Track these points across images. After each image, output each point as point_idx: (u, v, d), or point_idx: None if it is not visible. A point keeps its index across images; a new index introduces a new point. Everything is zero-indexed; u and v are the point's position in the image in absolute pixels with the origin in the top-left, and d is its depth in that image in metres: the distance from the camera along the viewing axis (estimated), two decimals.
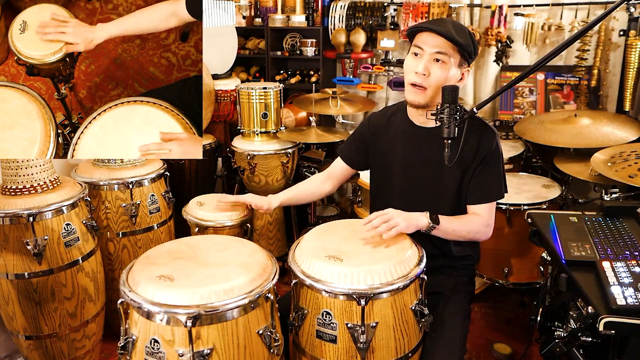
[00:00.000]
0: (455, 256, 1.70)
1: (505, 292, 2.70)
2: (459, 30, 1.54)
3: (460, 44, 1.51)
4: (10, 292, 1.94)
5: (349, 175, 1.92)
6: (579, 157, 2.51)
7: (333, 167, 1.91)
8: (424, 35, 1.55)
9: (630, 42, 2.75)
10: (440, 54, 1.53)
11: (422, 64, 1.55)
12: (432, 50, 1.53)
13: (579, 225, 1.67)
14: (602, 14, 1.52)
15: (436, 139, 1.44)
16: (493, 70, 3.24)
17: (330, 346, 1.38)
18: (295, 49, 3.56)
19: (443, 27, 1.52)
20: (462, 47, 1.52)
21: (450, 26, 1.53)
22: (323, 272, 1.37)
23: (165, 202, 2.51)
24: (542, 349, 1.59)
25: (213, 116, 3.11)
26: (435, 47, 1.53)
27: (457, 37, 1.51)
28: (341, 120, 3.69)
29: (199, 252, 1.47)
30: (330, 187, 1.91)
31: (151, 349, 1.26)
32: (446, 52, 1.53)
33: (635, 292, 1.25)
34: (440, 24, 1.53)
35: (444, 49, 1.52)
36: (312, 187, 1.91)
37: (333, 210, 3.30)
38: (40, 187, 1.97)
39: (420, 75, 1.55)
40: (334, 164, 1.91)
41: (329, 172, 1.91)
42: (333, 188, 1.92)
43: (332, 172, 1.90)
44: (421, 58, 1.55)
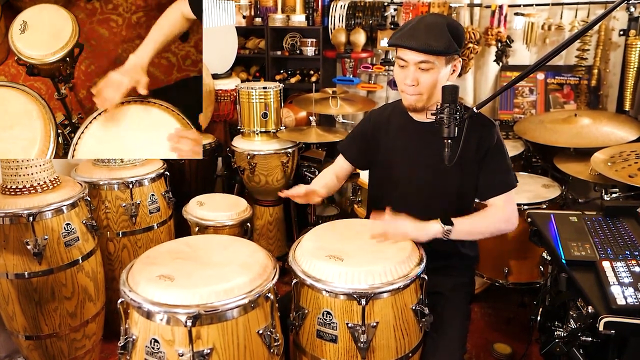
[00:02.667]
0: (455, 256, 1.70)
1: (505, 292, 2.69)
2: (436, 34, 1.50)
3: (440, 52, 1.50)
4: (10, 292, 1.94)
5: (349, 173, 1.91)
6: (579, 156, 2.51)
7: (337, 165, 1.89)
8: (403, 49, 1.54)
9: (630, 42, 2.75)
10: (424, 63, 1.52)
11: (410, 75, 1.55)
12: (415, 61, 1.53)
13: (579, 225, 1.67)
14: (602, 14, 1.52)
15: (436, 134, 1.44)
16: (493, 70, 3.24)
17: (330, 346, 1.38)
18: (295, 49, 3.56)
19: (417, 40, 1.49)
20: (442, 53, 1.51)
21: (426, 35, 1.49)
22: (323, 272, 1.37)
23: (165, 202, 2.51)
24: (542, 349, 1.59)
25: (213, 116, 3.11)
26: (417, 59, 1.52)
27: (435, 45, 1.48)
28: (341, 120, 3.69)
29: (199, 252, 1.47)
30: (338, 183, 1.89)
31: (151, 349, 1.26)
32: (428, 60, 1.52)
33: (635, 292, 1.25)
34: (415, 36, 1.50)
35: (425, 58, 1.52)
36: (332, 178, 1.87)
37: (333, 210, 3.30)
38: (40, 187, 1.97)
39: (410, 86, 1.57)
40: (337, 162, 1.89)
41: (335, 170, 1.89)
42: (340, 184, 1.91)
43: (337, 170, 1.89)
44: (407, 69, 1.56)
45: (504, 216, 1.62)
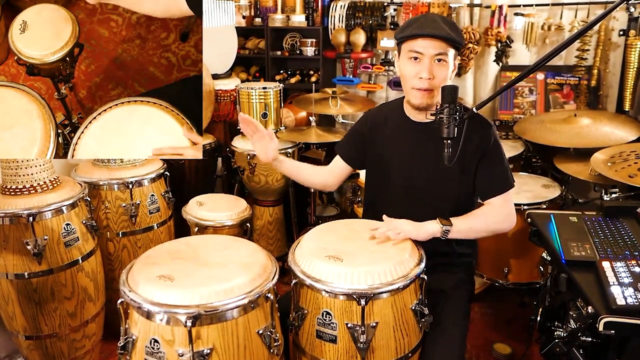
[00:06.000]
0: (453, 253, 1.70)
1: (505, 292, 2.69)
2: (451, 25, 1.54)
3: (459, 41, 1.53)
4: (10, 292, 1.94)
5: (347, 174, 1.90)
6: (579, 157, 2.51)
7: (334, 164, 1.89)
8: (420, 40, 1.53)
9: (630, 42, 2.75)
10: (441, 54, 1.53)
11: (425, 68, 1.54)
12: (433, 53, 1.53)
13: (579, 225, 1.67)
14: (602, 14, 1.52)
15: (434, 134, 1.44)
16: (493, 70, 3.24)
17: (330, 346, 1.38)
18: (295, 49, 3.56)
19: (439, 29, 1.50)
20: (460, 43, 1.53)
21: (444, 25, 1.52)
22: (323, 272, 1.37)
23: (165, 202, 2.51)
24: (542, 349, 1.59)
25: (213, 116, 3.11)
26: (435, 49, 1.52)
27: (454, 34, 1.52)
28: (341, 120, 3.69)
29: (198, 252, 1.47)
30: (333, 181, 1.88)
31: (151, 349, 1.26)
32: (445, 51, 1.53)
33: (635, 292, 1.25)
34: (434, 26, 1.51)
35: (443, 49, 1.52)
36: (315, 170, 1.88)
37: (333, 210, 3.30)
38: (40, 187, 1.97)
39: (426, 80, 1.55)
40: (334, 162, 1.89)
41: (329, 169, 1.89)
42: (335, 184, 1.90)
43: (333, 169, 1.88)
44: (422, 62, 1.54)
45: (501, 216, 1.62)
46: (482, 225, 1.61)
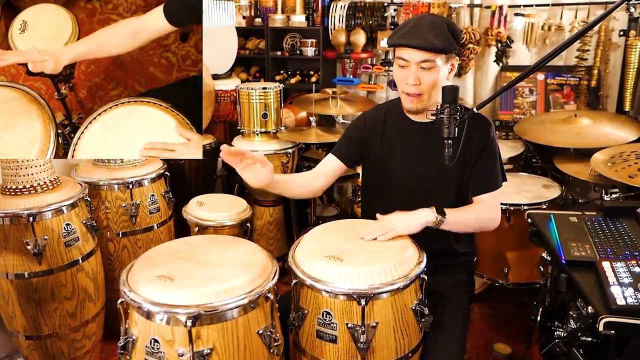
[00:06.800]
0: (453, 253, 1.71)
1: (505, 292, 2.69)
2: (437, 32, 1.51)
3: (442, 49, 1.51)
4: (10, 292, 1.94)
5: (340, 174, 1.83)
6: (579, 157, 2.51)
7: (324, 165, 1.82)
8: (405, 49, 1.54)
9: (630, 42, 2.75)
10: (426, 62, 1.53)
11: (412, 75, 1.55)
12: (419, 60, 1.53)
13: (579, 225, 1.67)
14: (602, 14, 1.52)
15: (433, 134, 1.44)
16: (493, 70, 3.24)
17: (330, 346, 1.38)
18: (295, 49, 3.56)
19: (421, 38, 1.50)
20: (445, 51, 1.52)
21: (428, 33, 1.50)
22: (323, 272, 1.37)
23: (165, 202, 2.51)
24: (542, 349, 1.58)
25: (213, 116, 3.11)
26: (421, 57, 1.52)
27: (437, 43, 1.49)
28: (341, 120, 3.69)
29: (199, 252, 1.47)
30: (323, 183, 1.80)
31: (151, 349, 1.26)
32: (430, 59, 1.52)
33: (635, 292, 1.25)
34: (417, 35, 1.51)
35: (427, 57, 1.52)
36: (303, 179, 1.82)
37: (333, 210, 3.30)
38: (40, 187, 1.97)
39: (412, 86, 1.56)
40: (324, 163, 1.82)
41: (317, 171, 1.82)
42: (325, 185, 1.82)
43: (323, 170, 1.81)
44: (408, 69, 1.56)
45: (491, 213, 1.65)
46: (473, 220, 1.63)
